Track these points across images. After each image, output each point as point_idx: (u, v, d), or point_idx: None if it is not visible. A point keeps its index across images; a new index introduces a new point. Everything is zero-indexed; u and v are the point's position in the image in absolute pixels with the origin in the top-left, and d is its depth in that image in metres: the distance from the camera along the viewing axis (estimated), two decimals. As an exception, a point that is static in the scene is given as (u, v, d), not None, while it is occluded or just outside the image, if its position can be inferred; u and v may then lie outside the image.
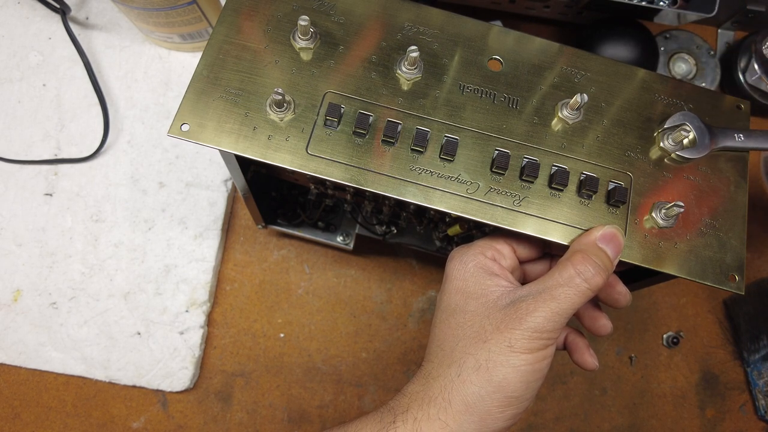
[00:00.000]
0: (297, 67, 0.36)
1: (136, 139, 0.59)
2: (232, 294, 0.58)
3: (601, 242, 0.33)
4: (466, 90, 0.37)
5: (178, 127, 0.34)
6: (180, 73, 0.62)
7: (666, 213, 0.35)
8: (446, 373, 0.33)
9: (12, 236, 0.56)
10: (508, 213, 0.35)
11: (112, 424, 0.54)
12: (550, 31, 0.69)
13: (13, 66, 0.61)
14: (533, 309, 0.31)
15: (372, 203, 0.49)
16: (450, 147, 0.35)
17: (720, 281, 0.35)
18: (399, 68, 0.37)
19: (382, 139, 0.35)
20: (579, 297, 0.32)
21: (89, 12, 0.63)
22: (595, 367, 0.38)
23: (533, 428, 0.57)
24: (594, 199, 0.36)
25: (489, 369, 0.31)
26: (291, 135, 0.34)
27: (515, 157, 0.36)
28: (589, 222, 0.35)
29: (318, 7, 0.38)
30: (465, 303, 0.34)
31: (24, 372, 0.55)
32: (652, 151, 0.38)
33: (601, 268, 0.32)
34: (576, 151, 0.37)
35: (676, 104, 0.39)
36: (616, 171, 0.36)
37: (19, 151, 0.58)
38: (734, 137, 0.38)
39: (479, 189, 0.35)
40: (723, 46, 0.67)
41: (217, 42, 0.36)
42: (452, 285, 0.35)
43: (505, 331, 0.32)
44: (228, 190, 0.59)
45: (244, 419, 0.55)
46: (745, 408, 0.59)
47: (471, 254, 0.36)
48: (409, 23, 0.38)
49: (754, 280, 0.61)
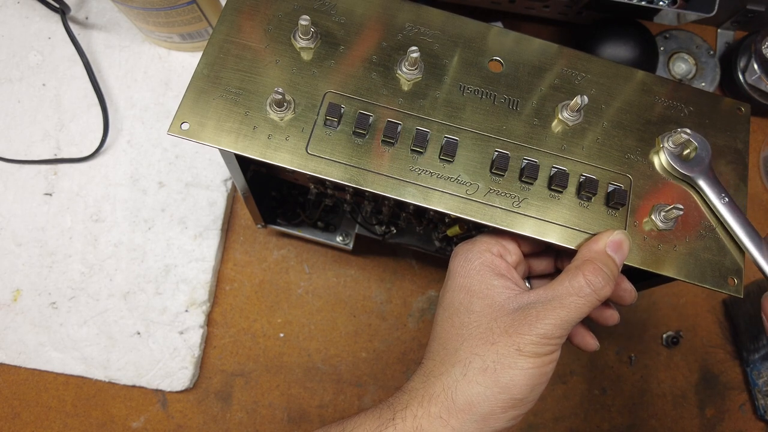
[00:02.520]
0: (297, 66, 0.36)
1: (136, 138, 0.59)
2: (231, 294, 0.58)
3: (610, 249, 0.33)
4: (466, 91, 0.37)
5: (178, 126, 0.34)
6: (180, 73, 0.62)
7: (665, 215, 0.35)
8: (450, 372, 0.33)
9: (12, 236, 0.56)
10: (507, 214, 0.35)
11: (111, 423, 0.54)
12: (549, 30, 0.69)
13: (12, 66, 0.61)
14: (543, 316, 0.32)
15: (372, 203, 0.49)
16: (450, 148, 0.35)
17: (719, 284, 0.35)
18: (399, 69, 0.37)
19: (382, 139, 0.35)
20: (588, 306, 0.32)
21: (89, 12, 0.63)
22: (596, 347, 0.39)
23: (533, 428, 0.57)
24: (593, 201, 0.36)
25: (496, 371, 0.31)
26: (291, 134, 0.34)
27: (515, 159, 0.36)
28: (588, 224, 0.35)
29: (319, 7, 0.38)
30: (470, 302, 0.34)
31: (24, 372, 0.55)
32: (652, 153, 0.38)
33: (610, 278, 0.32)
34: (576, 152, 0.37)
35: (676, 107, 0.39)
36: (615, 173, 0.36)
37: (18, 150, 0.58)
38: (720, 196, 0.36)
39: (479, 190, 0.35)
40: (723, 45, 0.67)
41: (218, 41, 0.36)
42: (456, 282, 0.35)
43: (514, 335, 0.32)
44: (228, 190, 0.59)
45: (244, 419, 0.55)
46: (744, 408, 0.59)
47: (476, 251, 0.35)
48: (409, 24, 0.38)
49: (753, 280, 0.61)
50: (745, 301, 0.60)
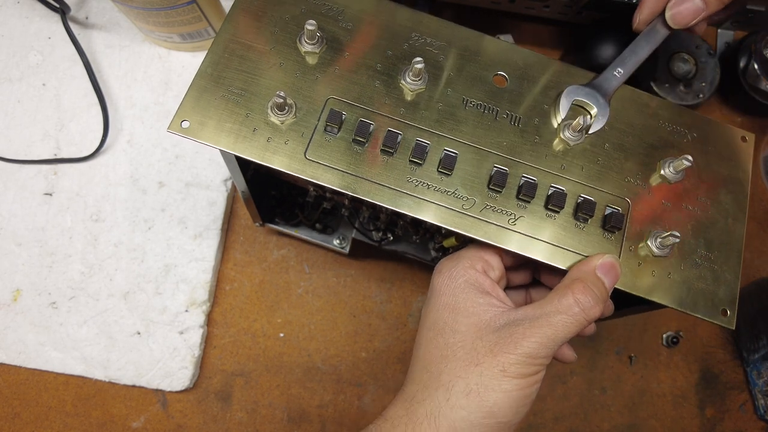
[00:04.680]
0: (301, 70, 0.36)
1: (136, 138, 0.59)
2: (231, 294, 0.58)
3: (600, 272, 0.33)
4: (469, 104, 0.37)
5: (179, 124, 0.34)
6: (180, 73, 0.62)
7: (662, 242, 0.35)
8: (433, 397, 0.32)
9: (12, 236, 0.56)
10: (502, 231, 0.34)
11: (111, 423, 0.54)
12: (549, 30, 0.69)
13: (12, 66, 0.61)
14: (529, 334, 0.31)
15: (370, 209, 0.49)
16: (449, 161, 0.35)
17: (711, 315, 0.35)
18: (403, 78, 0.36)
19: (381, 148, 0.34)
20: (575, 326, 0.32)
21: (89, 12, 0.63)
22: (573, 359, 0.38)
23: (533, 428, 0.57)
24: (590, 223, 0.35)
25: (480, 393, 0.31)
26: (290, 139, 0.34)
27: (513, 176, 0.35)
28: (583, 246, 0.35)
29: (327, 12, 0.38)
30: (454, 321, 0.33)
31: (24, 372, 0.55)
32: (653, 178, 0.37)
33: (599, 299, 0.32)
34: (575, 173, 0.36)
35: (679, 132, 0.39)
36: (614, 196, 0.36)
37: (18, 150, 0.58)
38: (615, 75, 0.38)
39: (475, 205, 0.34)
40: (723, 46, 0.67)
41: (223, 40, 0.36)
42: (440, 301, 0.34)
43: (498, 355, 0.31)
44: (228, 190, 0.59)
45: (244, 419, 0.55)
46: (744, 408, 0.59)
47: (461, 268, 0.35)
48: (416, 34, 0.38)
49: (753, 279, 0.61)
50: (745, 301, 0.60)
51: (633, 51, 0.39)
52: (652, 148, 0.38)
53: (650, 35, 0.39)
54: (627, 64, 0.39)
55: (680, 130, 0.39)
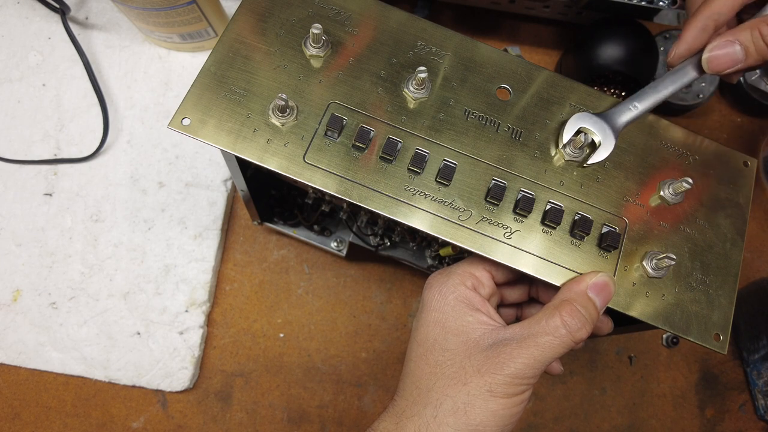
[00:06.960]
0: (305, 74, 0.36)
1: (136, 138, 0.59)
2: (231, 294, 0.58)
3: (592, 291, 0.33)
4: (470, 116, 0.37)
5: (180, 121, 0.34)
6: (180, 73, 0.62)
7: (657, 263, 0.34)
8: (422, 413, 0.32)
9: (12, 236, 0.56)
10: (496, 244, 0.34)
11: (111, 423, 0.54)
12: (549, 30, 0.69)
13: (12, 66, 0.61)
14: (516, 355, 0.31)
15: (368, 214, 0.48)
16: (447, 171, 0.34)
17: (703, 338, 0.35)
18: (406, 87, 0.36)
19: (381, 155, 0.34)
20: (562, 348, 0.32)
21: (89, 12, 0.63)
22: (560, 372, 0.39)
23: (533, 428, 0.57)
24: (586, 241, 0.35)
25: (467, 412, 0.31)
26: (290, 141, 0.34)
27: (511, 189, 0.35)
28: (577, 263, 0.35)
29: (333, 16, 0.38)
30: (444, 338, 0.34)
31: (24, 372, 0.55)
32: (652, 198, 0.37)
33: (588, 321, 0.32)
34: (574, 189, 0.36)
35: (681, 154, 0.38)
36: (611, 215, 0.36)
37: (18, 151, 0.58)
38: (630, 108, 0.37)
39: (471, 217, 0.34)
40: (722, 46, 0.67)
41: (228, 40, 0.36)
42: (431, 317, 0.35)
43: (486, 375, 0.31)
44: (228, 190, 0.59)
45: (244, 419, 0.55)
46: (744, 408, 0.59)
47: (451, 285, 0.35)
48: (422, 42, 0.38)
49: (753, 279, 0.61)
50: (745, 301, 0.60)
51: (655, 88, 0.37)
52: (653, 169, 0.38)
53: (678, 74, 0.37)
54: (645, 99, 0.37)
55: (683, 151, 0.39)
